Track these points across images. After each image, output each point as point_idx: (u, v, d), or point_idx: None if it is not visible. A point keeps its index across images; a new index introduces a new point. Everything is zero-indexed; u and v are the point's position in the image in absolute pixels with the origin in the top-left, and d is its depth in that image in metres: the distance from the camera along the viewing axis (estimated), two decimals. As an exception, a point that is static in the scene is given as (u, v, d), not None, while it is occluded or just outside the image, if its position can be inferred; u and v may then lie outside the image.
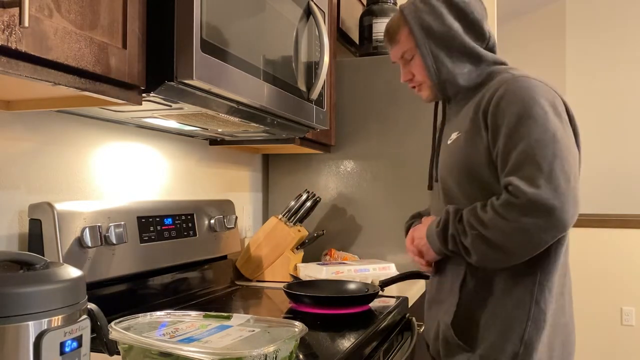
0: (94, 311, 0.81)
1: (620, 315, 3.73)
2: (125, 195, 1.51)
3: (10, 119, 1.17)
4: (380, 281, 1.60)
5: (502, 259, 1.13)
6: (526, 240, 1.08)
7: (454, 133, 1.27)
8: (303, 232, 2.01)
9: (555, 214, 1.05)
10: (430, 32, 1.25)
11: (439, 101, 1.40)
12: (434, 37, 1.25)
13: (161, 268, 1.46)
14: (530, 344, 1.15)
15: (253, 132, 1.67)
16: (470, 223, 1.14)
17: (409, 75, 1.33)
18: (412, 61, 1.30)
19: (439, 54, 1.26)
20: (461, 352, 1.20)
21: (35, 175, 1.23)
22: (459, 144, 1.23)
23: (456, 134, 1.25)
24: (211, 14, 1.08)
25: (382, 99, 2.15)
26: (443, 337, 1.24)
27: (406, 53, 1.30)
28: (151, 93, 1.05)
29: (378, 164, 2.16)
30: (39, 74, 0.82)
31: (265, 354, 0.83)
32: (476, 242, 1.13)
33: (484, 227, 1.11)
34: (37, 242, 1.15)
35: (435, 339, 1.28)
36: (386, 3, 2.30)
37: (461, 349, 1.20)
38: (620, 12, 4.21)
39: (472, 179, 1.20)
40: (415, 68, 1.30)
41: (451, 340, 1.21)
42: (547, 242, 1.09)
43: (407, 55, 1.30)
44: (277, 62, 1.37)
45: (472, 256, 1.15)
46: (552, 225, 1.06)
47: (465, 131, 1.22)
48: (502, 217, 1.09)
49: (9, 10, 0.73)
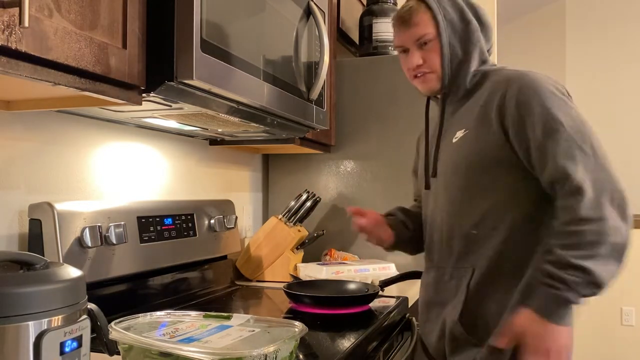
0: (94, 311, 0.81)
1: (620, 315, 3.73)
2: (125, 195, 1.51)
3: (10, 119, 1.17)
4: (380, 281, 1.60)
5: (617, 258, 1.07)
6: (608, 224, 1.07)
7: (459, 131, 1.26)
8: (303, 232, 2.01)
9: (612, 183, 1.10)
10: (452, 24, 1.25)
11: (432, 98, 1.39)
12: (453, 29, 1.26)
13: (161, 268, 1.45)
14: None
15: (253, 132, 1.67)
16: (575, 256, 1.05)
17: (420, 60, 1.28)
18: (427, 47, 1.27)
19: (455, 46, 1.26)
20: (470, 347, 1.20)
21: (35, 175, 1.23)
22: (467, 141, 1.23)
23: (462, 131, 1.25)
24: (211, 14, 1.08)
25: (382, 99, 2.15)
26: (450, 334, 1.23)
27: (423, 38, 1.26)
28: (151, 93, 1.05)
29: (378, 164, 2.16)
30: (39, 74, 0.82)
31: (265, 354, 0.83)
32: (596, 263, 1.04)
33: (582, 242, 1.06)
34: (37, 242, 1.15)
35: (440, 338, 1.27)
36: (386, 3, 2.30)
37: (470, 343, 1.19)
38: (620, 12, 4.21)
39: (481, 174, 1.20)
40: (429, 55, 1.27)
41: (459, 336, 1.21)
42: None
43: (424, 39, 1.26)
44: (277, 62, 1.37)
45: (603, 282, 1.05)
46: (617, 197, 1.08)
47: (472, 128, 1.22)
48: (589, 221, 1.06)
49: (9, 10, 0.73)
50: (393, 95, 2.13)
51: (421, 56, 1.28)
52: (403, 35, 1.30)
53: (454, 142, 1.26)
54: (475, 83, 1.28)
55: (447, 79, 1.28)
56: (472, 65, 1.27)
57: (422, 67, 1.29)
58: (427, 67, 1.28)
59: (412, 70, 1.31)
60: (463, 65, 1.27)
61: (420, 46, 1.28)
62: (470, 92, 1.28)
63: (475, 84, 1.28)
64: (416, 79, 1.32)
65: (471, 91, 1.28)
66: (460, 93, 1.30)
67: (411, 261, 2.02)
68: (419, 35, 1.27)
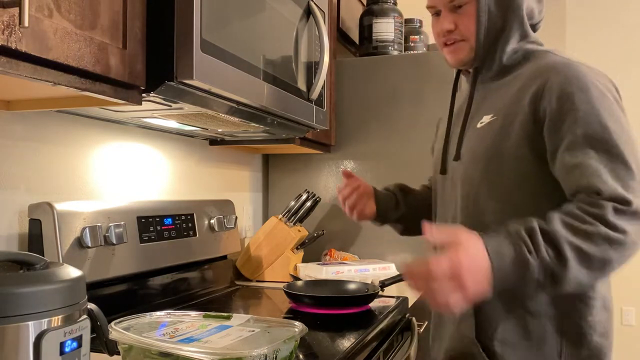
0: (94, 311, 0.81)
1: (620, 315, 3.73)
2: (125, 195, 1.51)
3: (10, 119, 1.17)
4: (380, 281, 1.60)
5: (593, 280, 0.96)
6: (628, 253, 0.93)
7: (486, 115, 1.12)
8: (303, 232, 2.01)
9: None
10: None
11: (463, 72, 1.25)
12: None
13: (161, 268, 1.45)
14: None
15: (253, 132, 1.67)
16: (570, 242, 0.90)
17: (452, 25, 1.13)
18: (461, 10, 1.12)
19: (494, 13, 1.10)
20: None
21: (35, 175, 1.23)
22: (492, 128, 1.09)
23: (489, 116, 1.11)
24: (211, 14, 1.08)
25: (382, 99, 2.15)
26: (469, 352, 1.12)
27: (459, 0, 1.12)
28: (151, 93, 1.05)
29: (378, 164, 2.16)
30: (39, 74, 0.82)
31: (265, 354, 0.83)
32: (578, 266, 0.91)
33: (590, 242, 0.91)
34: (37, 242, 1.15)
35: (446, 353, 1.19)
36: (386, 3, 2.30)
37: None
38: (620, 12, 4.21)
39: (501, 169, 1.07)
40: (463, 20, 1.12)
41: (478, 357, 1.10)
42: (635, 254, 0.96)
43: (461, 1, 1.12)
44: (277, 62, 1.37)
45: (563, 285, 0.92)
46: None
47: (504, 115, 1.08)
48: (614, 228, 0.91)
49: (9, 10, 0.73)
50: (393, 95, 2.13)
51: (453, 20, 1.13)
52: None
53: (479, 128, 1.13)
54: (514, 62, 1.14)
55: (481, 50, 1.13)
56: (511, 37, 1.12)
57: (454, 33, 1.14)
58: (458, 33, 1.14)
59: (441, 37, 1.17)
60: (500, 36, 1.12)
61: (454, 9, 1.13)
62: (507, 70, 1.14)
63: (514, 63, 1.14)
64: (445, 47, 1.18)
65: (508, 70, 1.14)
66: (495, 69, 1.15)
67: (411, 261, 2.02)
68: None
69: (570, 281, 0.91)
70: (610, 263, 0.92)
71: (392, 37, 2.27)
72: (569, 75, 1.02)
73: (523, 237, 0.91)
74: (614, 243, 0.91)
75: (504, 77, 1.14)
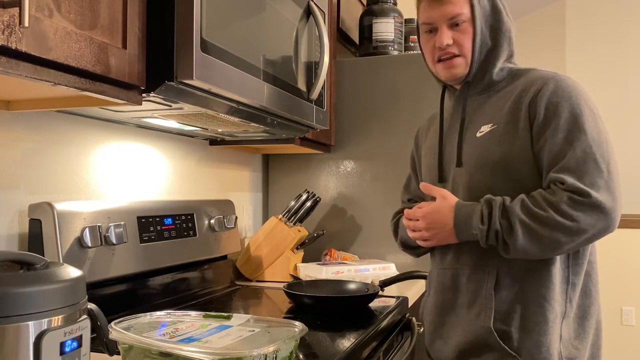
0: (94, 311, 0.81)
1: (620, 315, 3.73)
2: (125, 195, 1.51)
3: (10, 119, 1.17)
4: (380, 281, 1.60)
5: (542, 254, 1.12)
6: (580, 239, 1.09)
7: (484, 125, 1.22)
8: (303, 232, 2.01)
9: (611, 217, 1.09)
10: (484, 10, 1.21)
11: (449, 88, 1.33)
12: (485, 16, 1.22)
13: (161, 268, 1.45)
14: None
15: (253, 132, 1.67)
16: (521, 220, 1.10)
17: (450, 40, 1.21)
18: (459, 28, 1.21)
19: (486, 34, 1.22)
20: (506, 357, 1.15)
21: (35, 175, 1.23)
22: (494, 136, 1.19)
23: (489, 126, 1.21)
24: (211, 14, 1.08)
25: (382, 99, 2.15)
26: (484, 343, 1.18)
27: (458, 17, 1.20)
28: (151, 93, 1.05)
29: (378, 164, 2.16)
30: (39, 74, 0.82)
31: (265, 354, 0.83)
32: (524, 240, 1.10)
33: (539, 224, 1.09)
34: (37, 242, 1.15)
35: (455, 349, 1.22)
36: (386, 3, 2.30)
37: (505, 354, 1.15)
38: (620, 12, 4.21)
39: (508, 174, 1.17)
40: (461, 37, 1.21)
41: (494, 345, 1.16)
42: (593, 241, 1.13)
43: (458, 19, 1.20)
44: (277, 62, 1.37)
45: (510, 252, 1.12)
46: (606, 227, 1.09)
47: (504, 123, 1.19)
48: (564, 215, 1.07)
49: (9, 10, 0.73)
50: (393, 95, 2.13)
51: (450, 36, 1.21)
52: (433, 11, 1.22)
53: (479, 136, 1.22)
54: (501, 78, 1.25)
55: (475, 65, 1.23)
56: (500, 56, 1.23)
57: (452, 47, 1.22)
58: (456, 49, 1.22)
59: (438, 51, 1.24)
60: (492, 54, 1.23)
61: (452, 26, 1.21)
62: (492, 85, 1.25)
63: (500, 79, 1.25)
64: (440, 63, 1.25)
65: (492, 85, 1.25)
66: (484, 84, 1.25)
67: (411, 261, 2.02)
68: (453, 14, 1.20)
69: (517, 249, 1.11)
70: (559, 243, 1.09)
71: (392, 37, 2.27)
72: (558, 87, 1.15)
73: (484, 207, 1.14)
74: (562, 228, 1.08)
75: (495, 93, 1.25)
